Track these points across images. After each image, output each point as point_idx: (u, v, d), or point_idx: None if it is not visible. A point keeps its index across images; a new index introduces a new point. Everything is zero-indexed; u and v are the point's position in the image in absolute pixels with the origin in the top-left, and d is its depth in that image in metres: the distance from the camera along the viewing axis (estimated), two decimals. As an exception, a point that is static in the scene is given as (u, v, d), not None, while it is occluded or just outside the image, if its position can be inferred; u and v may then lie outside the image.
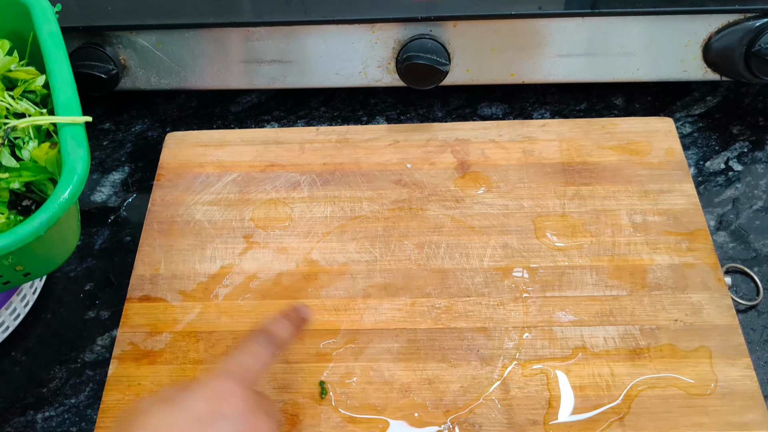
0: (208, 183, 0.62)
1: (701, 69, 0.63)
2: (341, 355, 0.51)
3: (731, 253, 0.57)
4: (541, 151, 0.62)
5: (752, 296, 0.55)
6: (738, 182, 0.61)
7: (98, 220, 0.63)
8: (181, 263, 0.57)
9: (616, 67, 0.63)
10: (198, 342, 0.53)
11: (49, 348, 0.56)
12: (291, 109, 0.70)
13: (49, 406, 0.53)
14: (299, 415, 0.49)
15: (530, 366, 0.50)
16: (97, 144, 0.68)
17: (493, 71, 0.63)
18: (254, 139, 0.65)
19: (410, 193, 0.60)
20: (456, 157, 0.62)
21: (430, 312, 0.53)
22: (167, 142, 0.65)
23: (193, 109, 0.71)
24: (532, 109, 0.68)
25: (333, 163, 0.62)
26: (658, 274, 0.54)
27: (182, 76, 0.65)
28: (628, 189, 0.59)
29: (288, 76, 0.65)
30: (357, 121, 0.69)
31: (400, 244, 0.57)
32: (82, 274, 0.60)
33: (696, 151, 0.64)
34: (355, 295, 0.54)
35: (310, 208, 0.60)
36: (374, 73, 0.64)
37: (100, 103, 0.71)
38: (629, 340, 0.51)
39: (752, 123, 0.65)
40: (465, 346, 0.51)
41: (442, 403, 0.49)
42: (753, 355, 0.52)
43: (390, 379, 0.50)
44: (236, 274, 0.56)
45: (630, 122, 0.63)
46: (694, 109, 0.67)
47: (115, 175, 0.66)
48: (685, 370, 0.49)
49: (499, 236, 0.57)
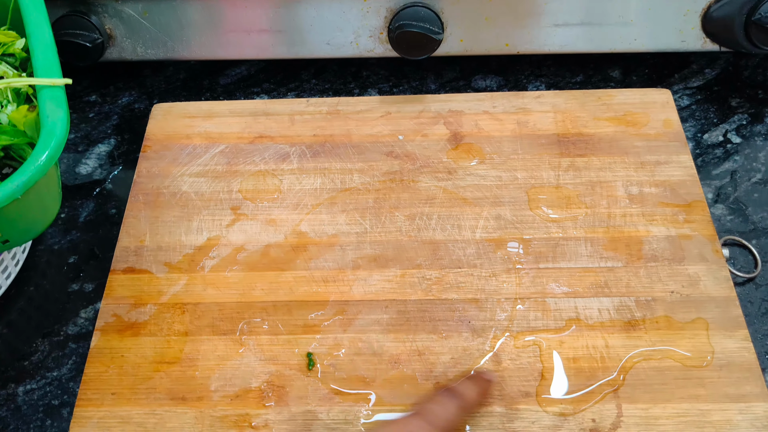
0: (196, 154, 0.60)
1: (700, 39, 0.61)
2: (329, 327, 0.50)
3: (729, 225, 0.56)
4: (535, 122, 0.60)
5: (750, 269, 0.54)
6: (736, 155, 0.60)
7: (83, 193, 0.62)
8: (167, 235, 0.56)
9: (613, 37, 0.61)
10: (183, 314, 0.52)
11: (32, 321, 0.55)
12: (281, 82, 0.68)
13: (31, 379, 0.52)
14: (286, 387, 0.48)
15: (522, 338, 0.49)
16: (82, 116, 0.67)
17: (488, 41, 0.62)
18: (243, 111, 0.63)
19: (402, 164, 0.59)
20: (449, 129, 0.61)
21: (421, 283, 0.52)
22: (154, 113, 0.63)
23: (181, 81, 0.69)
24: (527, 81, 0.67)
25: (323, 134, 0.61)
26: (654, 246, 0.53)
27: (169, 46, 0.64)
28: (625, 160, 0.57)
29: (278, 47, 0.63)
30: (349, 93, 0.67)
31: (390, 216, 0.56)
32: (66, 247, 0.58)
33: (694, 124, 0.62)
34: (344, 267, 0.53)
35: (300, 179, 0.58)
36: (366, 43, 0.63)
37: (87, 75, 0.70)
38: (624, 311, 0.50)
39: (751, 95, 0.64)
40: (456, 318, 0.50)
41: (432, 375, 0.48)
42: (751, 328, 0.51)
43: (379, 351, 0.49)
44: (223, 246, 0.55)
45: (627, 94, 0.62)
46: (693, 82, 0.65)
47: (101, 147, 0.65)
48: (682, 342, 0.48)
49: (492, 208, 0.56)
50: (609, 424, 0.45)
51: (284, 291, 0.52)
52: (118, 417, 0.47)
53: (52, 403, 0.50)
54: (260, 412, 0.47)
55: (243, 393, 0.48)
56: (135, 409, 0.48)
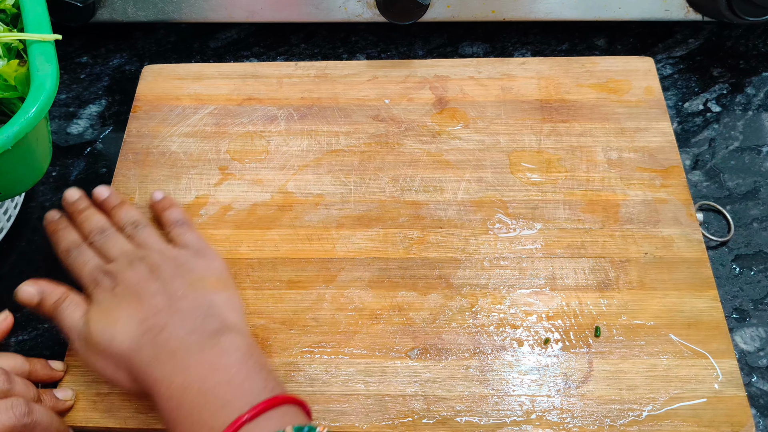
0: (185, 115, 0.61)
1: (683, 8, 0.62)
2: (312, 283, 0.52)
3: (705, 191, 0.58)
4: (519, 88, 0.61)
5: (723, 233, 0.55)
6: (716, 123, 0.61)
7: (74, 152, 0.63)
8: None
9: (597, 5, 0.62)
10: (171, 269, 0.53)
11: (24, 275, 0.55)
12: (271, 46, 0.69)
13: (23, 330, 0.53)
14: (269, 340, 0.49)
15: (500, 295, 0.51)
16: (74, 77, 0.68)
17: (474, 7, 0.63)
18: (232, 73, 0.64)
19: (387, 128, 0.60)
20: (434, 94, 0.62)
21: (403, 242, 0.53)
22: (144, 74, 0.64)
23: (172, 44, 0.70)
24: (513, 49, 0.67)
25: (311, 97, 0.62)
26: (630, 209, 0.54)
27: (159, 7, 0.64)
28: (605, 126, 0.59)
29: (267, 10, 0.64)
30: (337, 58, 0.68)
31: (375, 177, 0.57)
32: (58, 204, 0.59)
33: (676, 93, 0.64)
34: (328, 226, 0.55)
35: (287, 141, 0.60)
36: (354, 8, 0.63)
37: (78, 36, 0.70)
38: (599, 272, 0.51)
39: (733, 65, 0.65)
40: (436, 275, 0.52)
41: (410, 330, 0.49)
42: (721, 290, 0.52)
43: (360, 306, 0.51)
44: (211, 205, 0.56)
45: (610, 61, 0.62)
46: (676, 51, 0.66)
47: (92, 108, 0.66)
48: (653, 301, 0.50)
49: (474, 171, 0.57)
50: (580, 377, 0.47)
51: (270, 248, 0.54)
52: (107, 366, 0.49)
53: (43, 353, 0.52)
54: (244, 363, 0.49)
55: (228, 345, 0.49)
56: (123, 359, 0.49)
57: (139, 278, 0.46)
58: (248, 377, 0.41)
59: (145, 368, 0.42)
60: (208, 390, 0.40)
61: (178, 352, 0.42)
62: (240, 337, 0.43)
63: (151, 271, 0.47)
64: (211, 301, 0.45)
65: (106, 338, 0.44)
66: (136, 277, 0.46)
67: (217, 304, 0.45)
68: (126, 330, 0.44)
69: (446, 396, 0.47)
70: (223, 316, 0.45)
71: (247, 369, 0.41)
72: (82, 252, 0.50)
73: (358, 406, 0.47)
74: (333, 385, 0.47)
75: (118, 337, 0.44)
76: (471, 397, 0.47)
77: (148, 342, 0.43)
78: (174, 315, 0.44)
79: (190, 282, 0.46)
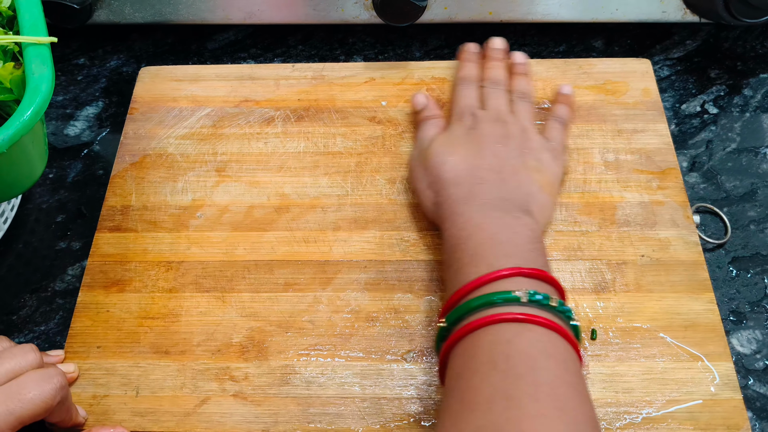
0: (182, 117, 0.61)
1: (680, 10, 0.62)
2: (309, 285, 0.52)
3: (702, 193, 0.57)
4: (517, 90, 0.61)
5: (720, 235, 0.55)
6: (713, 125, 0.61)
7: (71, 154, 0.63)
8: (153, 195, 0.57)
9: (594, 6, 0.62)
10: (168, 271, 0.53)
11: (21, 277, 0.56)
12: (268, 47, 0.69)
13: (19, 333, 0.53)
14: (265, 343, 0.49)
15: (496, 298, 0.51)
16: (71, 79, 0.68)
17: (471, 9, 0.63)
18: (229, 75, 0.64)
19: (384, 129, 0.60)
20: (432, 95, 0.61)
21: (399, 245, 0.53)
22: (141, 76, 0.64)
23: (169, 45, 0.70)
24: (511, 50, 0.67)
25: (308, 99, 0.62)
26: (627, 211, 0.54)
27: (156, 9, 0.64)
28: (602, 128, 0.58)
29: (264, 11, 0.64)
30: (335, 60, 0.68)
31: (371, 179, 0.57)
32: (54, 206, 0.59)
33: (673, 94, 0.63)
34: (325, 228, 0.55)
35: (284, 143, 0.60)
36: (351, 9, 0.63)
37: (76, 38, 0.70)
38: (595, 274, 0.51)
39: (730, 67, 0.65)
40: (432, 278, 0.52)
41: (407, 333, 0.49)
42: (717, 292, 0.52)
43: (356, 309, 0.51)
44: (208, 207, 0.56)
45: (607, 63, 0.62)
46: (673, 53, 0.66)
47: (89, 109, 0.66)
48: (650, 303, 0.50)
49: (472, 173, 0.57)
50: (576, 380, 0.47)
51: (266, 250, 0.54)
52: (103, 369, 0.49)
53: (39, 356, 0.52)
54: (240, 366, 0.49)
55: (224, 347, 0.49)
56: (119, 362, 0.49)
57: (493, 135, 0.52)
58: (531, 251, 0.45)
59: (452, 201, 0.49)
60: (498, 240, 0.45)
61: (486, 204, 0.48)
62: (537, 226, 0.48)
63: (506, 135, 0.52)
64: (531, 192, 0.49)
65: (438, 160, 0.52)
66: (491, 132, 0.52)
67: (534, 198, 0.49)
68: (456, 163, 0.51)
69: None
70: (533, 207, 0.49)
71: (532, 246, 0.45)
72: (469, 87, 0.57)
73: (354, 408, 0.47)
74: (329, 388, 0.47)
75: (448, 165, 0.51)
76: (467, 399, 0.47)
77: (467, 183, 0.49)
78: (498, 179, 0.49)
79: (528, 167, 0.51)
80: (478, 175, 0.50)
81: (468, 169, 0.50)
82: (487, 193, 0.48)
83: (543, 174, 0.51)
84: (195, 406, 0.47)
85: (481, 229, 0.46)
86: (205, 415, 0.47)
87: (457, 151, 0.51)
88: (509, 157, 0.51)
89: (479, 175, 0.49)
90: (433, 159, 0.52)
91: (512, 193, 0.49)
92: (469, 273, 0.44)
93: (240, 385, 0.48)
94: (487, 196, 0.48)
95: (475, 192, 0.49)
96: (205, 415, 0.47)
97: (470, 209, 0.48)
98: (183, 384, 0.48)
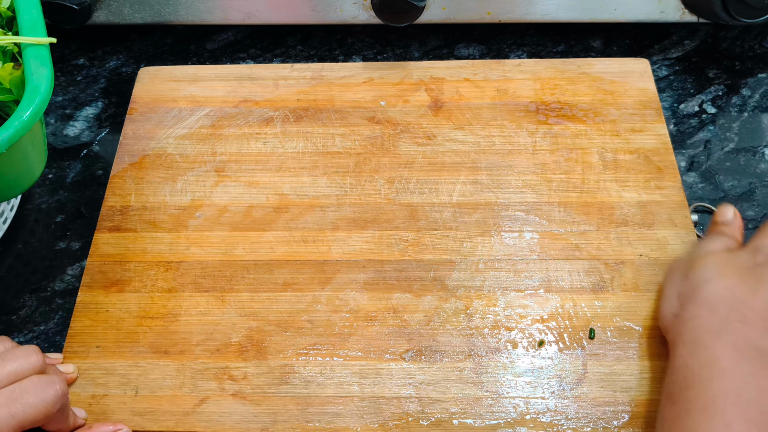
0: (181, 117, 0.62)
1: (678, 10, 0.62)
2: (307, 285, 0.52)
3: (700, 193, 0.58)
4: (515, 90, 0.61)
5: (719, 235, 0.55)
6: (711, 125, 0.61)
7: (71, 154, 0.63)
8: (152, 195, 0.57)
9: (593, 6, 0.62)
10: (167, 271, 0.53)
11: (20, 277, 0.56)
12: (267, 48, 0.69)
13: (19, 333, 0.53)
14: (264, 342, 0.50)
15: (494, 297, 0.51)
16: (71, 79, 0.68)
17: (470, 9, 0.63)
18: (228, 75, 0.64)
19: (383, 129, 0.60)
20: (430, 95, 0.62)
21: (398, 244, 0.53)
22: (140, 76, 0.64)
23: (168, 45, 0.70)
24: (509, 50, 0.67)
25: (307, 99, 0.62)
26: (625, 211, 0.54)
27: (156, 9, 0.64)
28: (601, 128, 0.59)
29: (263, 12, 0.64)
30: (334, 60, 0.68)
31: (370, 179, 0.57)
32: (54, 206, 0.60)
33: (671, 94, 0.64)
34: (324, 228, 0.55)
35: (283, 143, 0.60)
36: (350, 10, 0.63)
37: (75, 39, 0.70)
38: (594, 274, 0.52)
39: (729, 67, 0.65)
40: (430, 278, 0.52)
41: (405, 332, 0.50)
42: (716, 291, 0.52)
43: (355, 308, 0.51)
44: (207, 207, 0.56)
45: (606, 63, 0.63)
46: (672, 53, 0.66)
47: (89, 110, 0.66)
48: (647, 303, 0.50)
49: (470, 173, 0.57)
50: (574, 379, 0.47)
51: (265, 250, 0.54)
52: (103, 368, 0.49)
53: (39, 356, 0.52)
54: (239, 365, 0.49)
55: (223, 347, 0.50)
56: (119, 362, 0.49)
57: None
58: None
59: (699, 326, 0.43)
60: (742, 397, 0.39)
61: (738, 347, 0.41)
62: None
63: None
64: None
65: (704, 275, 0.45)
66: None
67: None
68: (722, 288, 0.44)
69: (441, 398, 0.47)
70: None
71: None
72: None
73: (352, 408, 0.47)
74: (328, 387, 0.48)
75: (712, 284, 0.44)
76: (465, 399, 0.47)
77: (725, 314, 0.43)
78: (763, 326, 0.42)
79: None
80: (740, 311, 0.43)
81: (732, 299, 0.44)
82: (744, 335, 0.42)
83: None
84: (194, 406, 0.47)
85: (725, 374, 0.40)
86: (204, 414, 0.47)
87: (730, 277, 0.45)
88: None
89: (742, 311, 0.43)
90: (700, 272, 0.46)
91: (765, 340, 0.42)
92: (699, 422, 0.39)
93: (239, 384, 0.48)
94: (743, 338, 0.42)
95: (731, 329, 0.42)
96: (204, 415, 0.47)
97: (719, 345, 0.42)
98: (182, 383, 0.48)
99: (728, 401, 0.39)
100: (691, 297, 0.45)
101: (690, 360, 0.42)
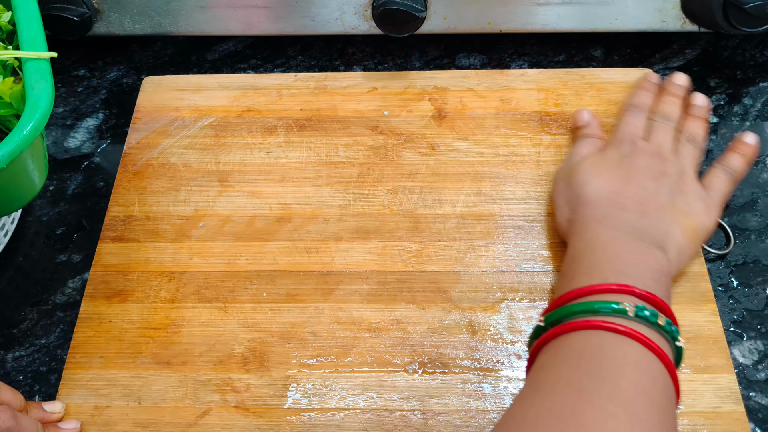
0: (184, 127, 0.62)
1: (680, 19, 0.62)
2: (310, 296, 0.52)
3: (703, 202, 0.57)
4: (519, 100, 0.61)
5: (722, 246, 0.55)
6: (713, 134, 0.61)
7: (71, 166, 0.63)
8: (155, 205, 0.57)
9: (593, 16, 0.62)
10: (170, 282, 0.53)
11: (21, 290, 0.56)
12: (268, 58, 0.69)
13: (20, 346, 0.53)
14: (267, 353, 0.49)
15: (499, 309, 0.51)
16: (71, 90, 0.68)
17: (471, 19, 0.63)
18: (231, 85, 0.64)
19: (386, 139, 0.60)
20: (433, 105, 0.62)
21: (401, 255, 0.53)
22: (144, 86, 0.64)
23: (169, 56, 0.70)
24: (510, 60, 0.68)
25: (310, 109, 0.62)
26: (628, 221, 0.54)
27: (156, 20, 0.64)
28: (604, 138, 0.58)
29: (263, 23, 0.64)
30: (334, 70, 0.68)
31: (373, 189, 0.57)
32: (55, 218, 0.59)
33: (673, 103, 0.63)
34: (327, 238, 0.54)
35: (286, 153, 0.60)
36: (351, 20, 0.64)
37: (75, 50, 0.70)
38: (597, 284, 0.51)
39: (730, 76, 0.65)
40: (434, 289, 0.52)
41: (409, 344, 0.49)
42: (719, 302, 0.52)
43: (358, 320, 0.50)
44: (210, 217, 0.56)
45: (609, 73, 0.63)
46: (673, 62, 0.66)
47: (90, 121, 0.66)
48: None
49: (473, 183, 0.57)
50: (579, 391, 0.47)
51: (268, 261, 0.54)
52: (105, 379, 0.49)
53: (40, 369, 0.52)
54: (242, 377, 0.49)
55: (226, 358, 0.49)
56: (121, 372, 0.49)
57: (647, 168, 0.50)
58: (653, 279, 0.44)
59: (585, 219, 0.48)
60: (620, 260, 0.44)
61: (618, 227, 0.47)
62: (667, 264, 0.46)
63: (661, 173, 0.50)
64: (670, 232, 0.47)
65: (583, 178, 0.51)
66: (646, 165, 0.50)
67: (673, 237, 0.47)
68: (600, 185, 0.50)
69: (444, 410, 0.47)
70: (668, 246, 0.47)
71: (654, 275, 0.44)
72: (637, 116, 0.55)
73: (355, 420, 0.46)
74: (331, 399, 0.47)
75: (591, 186, 0.50)
76: (469, 411, 0.46)
77: (605, 206, 0.48)
78: (639, 210, 0.48)
79: (675, 208, 0.49)
80: (618, 201, 0.48)
81: (610, 193, 0.49)
82: (623, 219, 0.47)
83: (690, 219, 0.49)
84: (196, 417, 0.47)
85: (605, 246, 0.46)
86: (206, 426, 0.47)
87: (604, 174, 0.50)
88: (658, 193, 0.49)
89: (620, 201, 0.48)
90: (579, 177, 0.51)
91: (650, 228, 0.47)
92: (580, 282, 0.44)
93: (241, 396, 0.48)
94: (622, 221, 0.47)
95: (611, 214, 0.48)
96: (206, 427, 0.47)
97: (601, 228, 0.47)
98: (184, 395, 0.48)
99: (605, 262, 0.45)
100: (576, 201, 0.50)
101: (578, 243, 0.48)
